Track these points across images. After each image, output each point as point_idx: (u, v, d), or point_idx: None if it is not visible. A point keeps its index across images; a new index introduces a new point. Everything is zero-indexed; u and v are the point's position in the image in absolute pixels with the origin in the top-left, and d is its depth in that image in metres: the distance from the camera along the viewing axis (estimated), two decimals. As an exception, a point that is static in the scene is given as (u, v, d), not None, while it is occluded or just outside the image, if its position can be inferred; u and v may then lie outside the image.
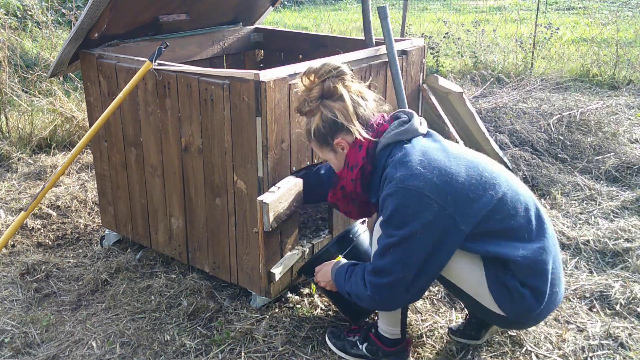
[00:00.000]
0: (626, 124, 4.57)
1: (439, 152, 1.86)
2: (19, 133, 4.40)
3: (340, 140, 1.97)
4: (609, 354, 2.18)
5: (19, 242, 3.05)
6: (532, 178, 3.67)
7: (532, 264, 1.85)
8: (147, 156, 2.64)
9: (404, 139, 1.92)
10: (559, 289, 1.95)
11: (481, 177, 1.84)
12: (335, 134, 1.97)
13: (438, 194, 1.77)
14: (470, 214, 1.79)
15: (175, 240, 2.69)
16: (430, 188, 1.77)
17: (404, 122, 1.96)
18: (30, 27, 6.78)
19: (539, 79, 5.54)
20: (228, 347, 2.23)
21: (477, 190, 1.81)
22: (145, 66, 2.40)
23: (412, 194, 1.77)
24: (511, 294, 1.86)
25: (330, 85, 1.92)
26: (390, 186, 1.83)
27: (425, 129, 1.99)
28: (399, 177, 1.81)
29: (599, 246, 2.91)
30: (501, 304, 1.89)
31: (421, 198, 1.77)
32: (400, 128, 1.94)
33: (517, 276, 1.86)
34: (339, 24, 9.97)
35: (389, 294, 1.85)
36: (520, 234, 1.87)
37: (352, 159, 1.97)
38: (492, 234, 1.84)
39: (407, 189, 1.78)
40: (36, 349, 2.26)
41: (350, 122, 1.93)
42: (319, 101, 1.95)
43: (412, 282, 1.82)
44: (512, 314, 1.90)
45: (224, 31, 3.33)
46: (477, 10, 11.88)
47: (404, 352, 2.13)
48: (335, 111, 1.93)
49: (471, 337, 2.22)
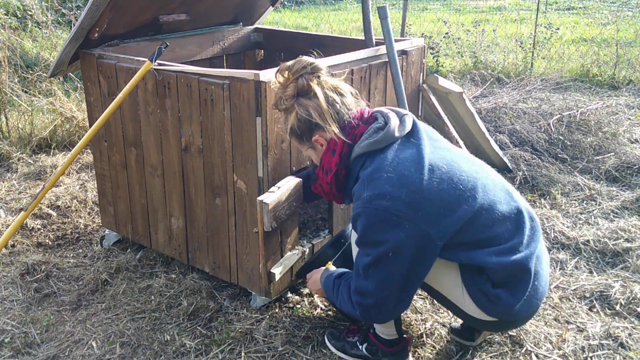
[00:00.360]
0: (626, 124, 4.57)
1: (411, 165, 1.79)
2: (19, 133, 4.40)
3: (318, 138, 1.94)
4: (609, 354, 2.18)
5: (19, 242, 3.05)
6: (532, 178, 3.67)
7: (508, 268, 1.84)
8: (147, 156, 2.64)
9: (377, 148, 1.86)
10: (539, 283, 1.92)
11: (455, 191, 1.78)
12: (312, 132, 1.94)
13: (407, 212, 1.73)
14: (443, 228, 1.76)
15: (175, 240, 2.69)
16: (398, 207, 1.73)
17: (379, 129, 1.89)
18: (30, 27, 6.78)
19: (539, 79, 5.54)
20: (228, 347, 2.23)
21: (449, 205, 1.77)
22: (145, 66, 2.40)
23: (380, 214, 1.74)
24: (487, 296, 1.88)
25: (304, 82, 1.89)
26: (357, 205, 1.80)
27: (406, 129, 1.90)
28: (365, 197, 1.77)
29: (599, 246, 2.91)
30: (482, 307, 1.90)
31: (389, 217, 1.73)
32: (373, 137, 1.87)
33: (492, 279, 1.87)
34: (339, 24, 9.97)
35: (377, 312, 1.86)
36: (496, 241, 1.85)
37: (326, 163, 1.94)
38: (466, 244, 1.83)
39: (374, 208, 1.75)
40: (36, 349, 2.26)
41: (325, 122, 1.90)
42: (294, 99, 1.92)
43: (397, 298, 1.83)
44: (496, 314, 1.91)
45: (224, 31, 3.33)
46: (477, 10, 11.88)
47: (403, 352, 2.13)
48: (310, 110, 1.89)
49: (466, 338, 2.23)
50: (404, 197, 1.73)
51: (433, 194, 1.76)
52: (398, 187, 1.74)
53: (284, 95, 1.94)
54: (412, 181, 1.76)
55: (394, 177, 1.76)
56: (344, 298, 1.92)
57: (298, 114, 1.92)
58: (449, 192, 1.78)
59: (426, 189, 1.75)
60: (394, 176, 1.77)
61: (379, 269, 1.79)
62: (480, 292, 1.88)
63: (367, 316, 1.89)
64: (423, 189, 1.75)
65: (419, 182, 1.76)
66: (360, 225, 1.79)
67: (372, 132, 1.89)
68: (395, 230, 1.74)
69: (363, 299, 1.84)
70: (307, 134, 1.95)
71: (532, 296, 1.90)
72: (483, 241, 1.84)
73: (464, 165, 1.87)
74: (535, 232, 1.94)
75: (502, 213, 1.85)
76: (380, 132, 1.88)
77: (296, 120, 1.93)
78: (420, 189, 1.75)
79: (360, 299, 1.85)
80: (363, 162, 1.88)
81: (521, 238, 1.88)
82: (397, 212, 1.73)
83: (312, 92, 1.89)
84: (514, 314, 1.92)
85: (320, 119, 1.90)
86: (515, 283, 1.87)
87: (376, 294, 1.81)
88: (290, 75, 1.92)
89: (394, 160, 1.81)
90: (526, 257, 1.87)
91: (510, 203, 1.90)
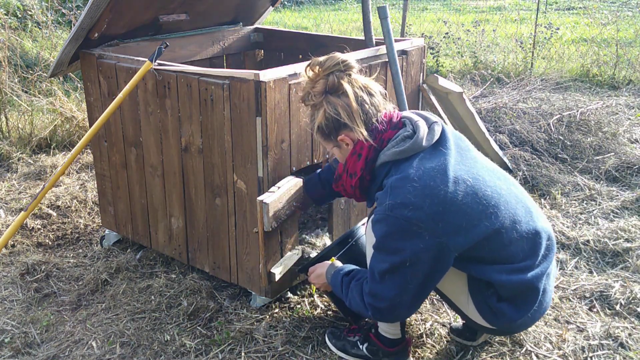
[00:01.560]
0: (626, 124, 4.57)
1: (436, 175, 1.76)
2: (19, 133, 4.40)
3: (344, 137, 1.91)
4: (609, 354, 2.18)
5: (19, 242, 3.05)
6: (532, 178, 3.67)
7: (517, 286, 1.84)
8: (147, 156, 2.64)
9: (403, 157, 1.84)
10: (544, 298, 1.94)
11: (478, 206, 1.77)
12: (338, 131, 1.91)
13: (428, 223, 1.72)
14: (461, 241, 1.76)
15: (175, 240, 2.69)
16: (420, 217, 1.72)
17: (407, 138, 1.86)
18: (30, 27, 6.78)
19: (539, 79, 5.54)
20: (228, 347, 2.23)
21: (471, 219, 1.76)
22: (145, 66, 2.40)
23: (400, 223, 1.73)
24: (491, 309, 1.89)
25: (334, 80, 1.85)
26: (379, 211, 1.79)
27: (434, 137, 1.86)
28: (388, 204, 1.76)
29: (599, 246, 2.91)
30: (485, 317, 1.91)
31: (409, 227, 1.73)
32: (400, 146, 1.84)
33: (499, 293, 1.87)
34: (339, 24, 9.97)
35: (389, 314, 1.88)
36: (509, 260, 1.84)
37: (351, 166, 1.93)
38: (479, 260, 1.83)
39: (395, 217, 1.74)
40: (36, 349, 2.26)
41: (354, 122, 1.86)
42: (323, 96, 1.89)
43: (410, 303, 1.84)
44: (497, 325, 1.93)
45: (224, 31, 3.33)
46: (477, 10, 11.88)
47: (404, 352, 2.13)
48: (339, 108, 1.86)
49: (467, 338, 2.23)
50: (427, 208, 1.72)
51: (456, 206, 1.74)
52: (421, 197, 1.73)
53: (313, 90, 1.90)
54: (436, 193, 1.73)
55: (418, 187, 1.74)
56: (355, 297, 1.92)
57: (326, 111, 1.88)
58: (472, 206, 1.76)
59: (450, 201, 1.74)
60: (418, 186, 1.74)
61: (395, 276, 1.79)
62: (485, 304, 1.89)
63: (379, 317, 1.91)
64: (447, 201, 1.74)
65: (444, 194, 1.74)
66: (380, 231, 1.78)
67: (400, 141, 1.86)
68: (415, 240, 1.73)
69: (377, 302, 1.85)
70: (334, 133, 1.92)
71: (537, 311, 1.92)
72: (496, 259, 1.84)
73: (489, 179, 1.84)
74: (550, 251, 1.93)
75: (519, 233, 1.84)
76: (408, 142, 1.85)
77: (324, 119, 1.90)
78: (443, 201, 1.73)
79: (373, 301, 1.85)
80: (388, 169, 1.86)
81: (535, 259, 1.87)
82: (418, 222, 1.72)
83: (342, 90, 1.85)
84: (515, 327, 1.94)
85: (349, 119, 1.86)
86: (522, 300, 1.88)
87: (390, 299, 1.82)
88: (320, 70, 1.88)
89: (419, 169, 1.78)
90: (536, 277, 1.87)
91: (529, 223, 1.88)
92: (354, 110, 1.85)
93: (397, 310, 1.85)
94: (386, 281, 1.81)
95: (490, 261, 1.84)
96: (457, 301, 1.97)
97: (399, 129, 1.91)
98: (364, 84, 1.89)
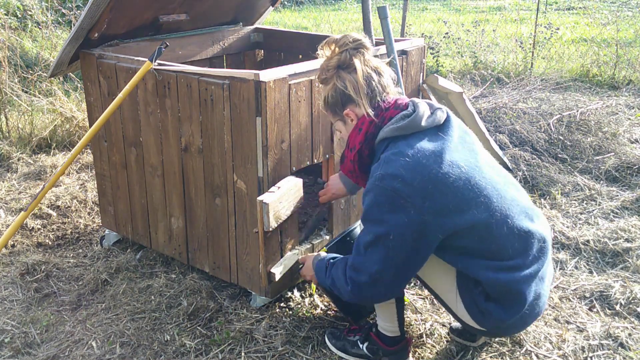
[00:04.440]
0: (626, 124, 4.57)
1: (431, 156, 1.78)
2: (19, 133, 4.40)
3: (349, 112, 1.96)
4: (609, 354, 2.18)
5: (19, 242, 3.05)
6: (532, 178, 3.67)
7: (503, 285, 1.83)
8: (147, 156, 2.64)
9: (401, 134, 1.87)
10: (537, 303, 1.91)
11: (469, 192, 1.78)
12: (344, 104, 1.96)
13: (415, 198, 1.73)
14: (446, 223, 1.76)
15: (175, 240, 2.69)
16: (408, 191, 1.74)
17: (406, 116, 1.90)
18: (30, 27, 6.78)
19: (539, 79, 5.54)
20: (228, 347, 2.23)
21: (459, 203, 1.77)
22: (145, 66, 2.40)
23: (388, 194, 1.76)
24: (479, 308, 1.88)
25: (347, 56, 1.93)
26: (370, 182, 1.83)
27: (437, 121, 1.89)
28: (378, 175, 1.80)
29: (599, 246, 2.91)
30: (473, 316, 1.90)
31: (396, 199, 1.75)
32: (399, 123, 1.88)
33: (487, 291, 1.86)
34: (339, 24, 9.97)
35: (368, 291, 1.87)
36: (498, 255, 1.83)
37: (352, 140, 1.97)
38: (468, 251, 1.83)
39: (384, 187, 1.77)
40: (36, 349, 2.26)
41: (358, 95, 1.92)
42: (335, 71, 1.95)
43: (390, 282, 1.84)
44: (486, 326, 1.91)
45: (224, 31, 3.33)
46: (477, 10, 11.87)
47: (404, 351, 2.13)
48: (347, 82, 1.92)
49: (467, 338, 2.23)
50: (416, 184, 1.74)
51: (446, 187, 1.76)
52: (412, 172, 1.76)
53: (327, 66, 1.97)
54: (428, 171, 1.76)
55: (410, 162, 1.77)
56: (338, 273, 1.93)
57: (335, 84, 1.95)
58: (462, 191, 1.77)
59: (440, 181, 1.76)
60: (411, 161, 1.77)
61: (378, 248, 1.80)
62: (473, 302, 1.88)
63: (358, 292, 1.88)
64: (437, 180, 1.75)
65: (435, 172, 1.76)
66: (368, 201, 1.81)
67: (399, 119, 1.90)
68: (399, 213, 1.75)
69: (357, 275, 1.85)
70: (340, 106, 1.98)
71: (528, 315, 1.90)
72: (485, 253, 1.83)
73: (486, 171, 1.86)
74: (543, 254, 1.91)
75: (510, 229, 1.83)
76: (407, 119, 1.89)
77: (332, 91, 1.97)
78: (434, 179, 1.75)
79: (354, 274, 1.86)
80: (386, 145, 1.89)
81: (525, 259, 1.86)
82: (406, 196, 1.74)
83: (353, 66, 1.92)
84: (505, 328, 1.93)
85: (354, 93, 1.92)
86: (509, 301, 1.86)
87: (371, 274, 1.82)
88: (336, 48, 1.96)
89: (415, 148, 1.81)
90: (525, 278, 1.85)
91: (522, 221, 1.87)
92: (360, 85, 1.92)
93: (376, 286, 1.84)
94: (369, 253, 1.82)
95: (478, 254, 1.83)
96: (446, 299, 1.96)
97: (403, 110, 1.94)
98: (375, 65, 1.96)
